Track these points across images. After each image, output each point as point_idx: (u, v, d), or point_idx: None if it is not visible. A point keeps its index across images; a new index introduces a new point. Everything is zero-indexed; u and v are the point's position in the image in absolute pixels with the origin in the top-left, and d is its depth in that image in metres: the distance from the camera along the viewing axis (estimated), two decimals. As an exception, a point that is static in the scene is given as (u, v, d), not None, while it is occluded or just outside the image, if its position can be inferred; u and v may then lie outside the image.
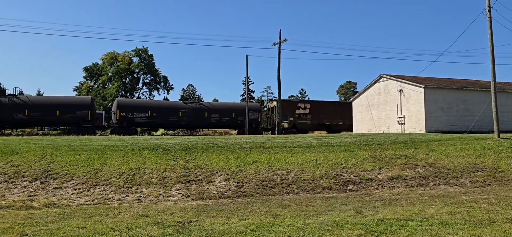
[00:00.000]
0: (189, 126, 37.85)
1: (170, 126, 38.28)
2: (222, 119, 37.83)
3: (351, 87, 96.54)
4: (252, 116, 38.26)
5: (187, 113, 36.63)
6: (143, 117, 35.35)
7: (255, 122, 38.46)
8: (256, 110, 39.35)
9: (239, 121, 38.28)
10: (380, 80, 35.68)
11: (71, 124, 32.31)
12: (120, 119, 34.26)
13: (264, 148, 15.59)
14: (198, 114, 37.10)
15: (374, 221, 7.50)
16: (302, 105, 42.39)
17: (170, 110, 36.76)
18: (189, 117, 36.69)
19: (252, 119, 38.12)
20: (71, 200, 9.81)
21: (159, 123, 36.46)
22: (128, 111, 34.94)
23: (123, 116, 34.46)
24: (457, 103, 31.05)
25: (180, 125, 37.83)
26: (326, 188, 11.67)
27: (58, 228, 6.96)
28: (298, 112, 41.64)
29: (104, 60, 69.96)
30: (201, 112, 37.33)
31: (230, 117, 38.10)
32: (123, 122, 34.30)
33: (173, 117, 36.29)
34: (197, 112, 37.11)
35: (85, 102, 33.69)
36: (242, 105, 43.59)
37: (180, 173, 12.05)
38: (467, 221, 7.53)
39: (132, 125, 34.70)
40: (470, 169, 13.88)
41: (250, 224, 7.30)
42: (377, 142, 17.78)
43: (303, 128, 41.64)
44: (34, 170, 11.65)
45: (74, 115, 32.38)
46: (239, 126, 39.05)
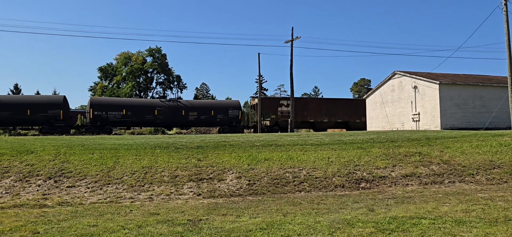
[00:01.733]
0: (166, 124, 37.15)
1: (146, 125, 37.43)
2: (201, 117, 36.82)
3: (365, 84, 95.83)
4: (232, 114, 37.41)
5: (163, 111, 35.74)
6: (118, 116, 34.48)
7: (235, 120, 37.45)
8: (236, 108, 38.26)
9: (218, 119, 37.24)
10: (394, 77, 35.29)
11: (43, 123, 31.67)
12: (94, 118, 33.50)
13: (276, 145, 15.53)
14: (175, 113, 36.17)
15: (386, 219, 7.40)
16: (284, 103, 41.17)
17: (146, 109, 35.90)
18: (166, 115, 35.81)
19: (232, 117, 37.30)
20: (84, 199, 9.90)
21: (134, 122, 35.61)
22: (101, 110, 34.12)
23: (96, 115, 33.64)
24: (473, 100, 30.52)
25: (156, 124, 37.05)
26: (338, 186, 11.56)
27: (70, 226, 7.03)
28: (280, 109, 40.54)
29: (118, 60, 70.65)
30: (179, 110, 36.35)
31: (209, 115, 37.03)
32: (96, 121, 33.54)
33: (149, 116, 35.42)
34: (174, 111, 36.17)
35: (56, 101, 32.94)
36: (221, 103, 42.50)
37: (192, 171, 12.07)
38: (482, 219, 7.37)
39: (107, 124, 33.89)
40: (486, 166, 13.61)
41: (260, 222, 7.26)
42: (391, 139, 17.57)
43: (285, 125, 40.47)
44: (48, 169, 11.80)
45: (46, 115, 31.67)
46: (219, 124, 37.92)
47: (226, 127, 36.70)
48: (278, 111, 40.53)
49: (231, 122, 37.20)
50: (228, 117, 37.16)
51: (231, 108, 37.80)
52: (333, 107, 42.42)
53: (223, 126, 37.03)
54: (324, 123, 41.98)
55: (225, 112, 37.19)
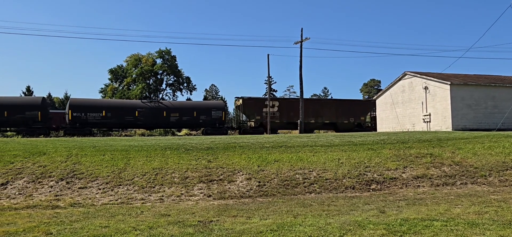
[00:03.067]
0: (147, 125, 36.37)
1: (126, 126, 36.77)
2: (183, 118, 35.97)
3: (375, 85, 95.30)
4: (215, 115, 36.47)
5: (144, 112, 34.99)
6: (97, 117, 33.84)
7: (219, 121, 36.55)
8: (220, 109, 37.33)
9: (201, 120, 36.34)
10: (404, 78, 35.05)
11: (20, 125, 31.28)
12: (73, 119, 32.92)
13: (286, 147, 15.52)
14: (156, 114, 35.39)
15: (398, 221, 7.35)
16: (270, 103, 40.47)
17: (126, 110, 35.16)
18: (147, 117, 35.07)
19: (215, 118, 36.39)
20: (96, 200, 9.99)
21: (114, 123, 35.00)
22: (80, 111, 33.46)
23: (75, 116, 33.04)
24: (485, 100, 30.19)
25: (137, 125, 36.27)
26: (349, 187, 11.51)
27: (82, 227, 7.09)
28: (265, 110, 39.56)
29: (129, 62, 71.12)
30: (160, 111, 35.55)
31: (191, 116, 36.09)
32: (75, 122, 32.96)
33: (129, 117, 34.72)
34: (155, 112, 35.42)
35: (34, 103, 32.50)
36: (204, 103, 41.71)
37: (202, 172, 12.11)
38: (495, 221, 7.28)
39: (86, 126, 33.39)
40: (499, 167, 13.45)
41: (271, 224, 7.26)
42: (402, 140, 17.45)
43: (271, 127, 39.75)
44: (60, 170, 11.92)
45: (23, 116, 31.27)
46: (202, 125, 37.03)
47: (210, 128, 35.80)
48: (263, 112, 39.59)
49: (214, 123, 36.27)
50: (211, 118, 36.20)
51: (214, 109, 36.90)
52: (320, 108, 41.56)
53: (207, 127, 36.19)
54: (311, 124, 41.00)
55: (208, 113, 36.28)
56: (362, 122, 42.76)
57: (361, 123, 42.65)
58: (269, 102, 37.98)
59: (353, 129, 41.07)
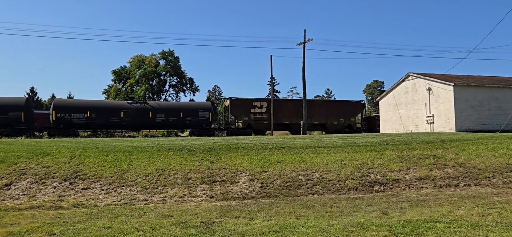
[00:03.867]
0: (133, 126, 35.93)
1: (112, 127, 36.27)
2: (169, 119, 35.54)
3: (378, 86, 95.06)
4: (202, 116, 36.00)
5: (129, 113, 34.51)
6: (82, 118, 33.45)
7: (206, 122, 36.06)
8: (207, 110, 36.71)
9: (187, 121, 35.89)
10: (407, 79, 34.99)
11: (4, 126, 30.96)
12: (56, 120, 32.59)
13: (288, 148, 15.51)
14: (142, 115, 34.90)
15: (400, 222, 7.33)
16: (258, 104, 39.93)
17: (111, 111, 34.74)
18: (132, 117, 34.59)
19: (202, 119, 35.93)
20: (99, 201, 10.02)
21: (99, 124, 34.63)
22: (64, 112, 33.12)
23: (59, 117, 32.69)
24: (489, 102, 30.10)
25: (122, 126, 35.84)
26: (352, 188, 11.50)
27: (85, 228, 7.11)
28: (253, 111, 39.33)
29: (132, 63, 71.24)
30: (146, 112, 35.10)
31: (178, 117, 35.63)
32: (59, 123, 32.59)
33: (114, 118, 34.29)
34: (140, 113, 34.94)
35: (18, 104, 32.18)
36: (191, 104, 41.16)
37: (205, 173, 12.12)
38: (499, 223, 7.25)
39: (71, 126, 33.08)
40: (502, 169, 13.40)
41: (273, 225, 7.26)
42: (405, 141, 17.41)
43: (259, 127, 39.36)
44: (63, 171, 11.96)
45: (6, 117, 31.00)
46: (189, 126, 36.59)
47: (196, 129, 35.38)
48: (251, 113, 39.29)
49: (201, 124, 35.84)
50: (198, 119, 35.78)
51: (201, 110, 36.42)
52: (310, 109, 40.62)
53: (193, 128, 35.80)
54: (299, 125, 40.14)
55: (194, 114, 35.88)
56: (352, 123, 42.33)
57: (351, 124, 42.18)
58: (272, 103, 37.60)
59: (342, 130, 40.55)
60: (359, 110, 44.12)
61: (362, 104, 45.00)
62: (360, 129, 43.06)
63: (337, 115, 41.44)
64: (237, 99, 40.27)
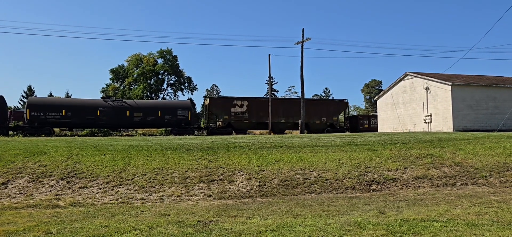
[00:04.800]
0: (110, 125, 35.50)
1: (88, 126, 35.76)
2: (147, 118, 35.17)
3: (376, 85, 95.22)
4: (181, 115, 35.77)
5: (106, 112, 34.20)
6: (57, 116, 33.09)
7: (185, 121, 35.76)
8: (186, 109, 36.45)
9: (166, 120, 35.66)
10: (405, 78, 35.05)
11: None
12: (31, 119, 32.27)
13: (286, 147, 15.52)
14: (119, 113, 34.54)
15: (397, 221, 7.35)
16: (238, 103, 39.60)
17: (87, 109, 34.34)
18: (109, 116, 34.26)
19: (181, 118, 35.68)
20: (96, 199, 10.00)
21: (75, 123, 34.11)
22: (39, 110, 32.68)
23: (33, 116, 32.36)
24: (486, 101, 30.17)
25: (99, 125, 35.40)
26: (349, 187, 11.51)
27: (82, 227, 7.10)
28: (234, 110, 39.09)
29: (130, 62, 71.17)
30: (123, 111, 34.72)
31: (156, 116, 35.35)
32: (34, 122, 32.27)
33: (91, 117, 33.98)
34: (118, 111, 34.56)
35: None
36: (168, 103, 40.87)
37: (202, 172, 12.11)
38: (495, 222, 7.28)
39: (46, 125, 32.69)
40: (499, 168, 13.44)
41: (270, 224, 7.27)
42: (402, 141, 17.44)
43: (239, 127, 39.05)
44: (61, 170, 11.94)
45: None
46: (167, 125, 36.33)
47: (175, 128, 35.31)
48: (231, 112, 39.03)
49: (180, 123, 35.63)
50: (176, 118, 35.55)
51: (180, 109, 36.23)
52: (291, 108, 40.50)
53: (172, 127, 35.71)
54: (281, 124, 40.27)
55: (173, 113, 35.65)
56: (334, 122, 41.88)
57: (333, 123, 41.78)
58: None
59: (325, 130, 40.24)
60: (342, 109, 43.74)
61: (345, 103, 44.65)
62: (343, 128, 42.65)
63: (319, 114, 40.98)
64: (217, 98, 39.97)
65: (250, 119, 39.48)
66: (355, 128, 44.74)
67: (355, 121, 46.12)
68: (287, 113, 40.47)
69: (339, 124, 43.02)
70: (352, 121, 46.34)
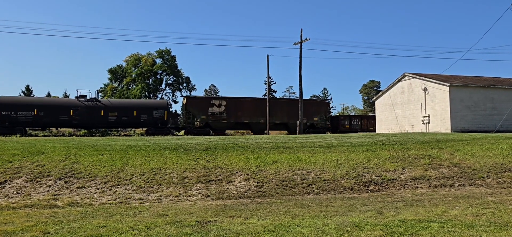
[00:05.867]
0: (83, 125, 35.12)
1: (61, 125, 35.23)
2: (122, 117, 34.69)
3: (375, 86, 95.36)
4: (157, 115, 35.38)
5: (80, 111, 33.78)
6: (29, 116, 32.62)
7: (161, 121, 35.37)
8: (162, 108, 36.11)
9: (142, 120, 35.21)
10: (403, 79, 35.10)
11: None
12: (1, 118, 31.76)
13: (284, 147, 15.53)
14: (93, 113, 34.14)
15: (395, 222, 7.36)
16: (216, 102, 39.44)
17: (60, 109, 33.92)
18: (83, 116, 33.85)
19: (157, 118, 35.29)
20: (94, 199, 9.99)
21: (47, 122, 33.76)
22: (10, 110, 32.23)
23: (4, 115, 31.92)
24: (484, 102, 30.25)
25: (72, 125, 34.88)
26: (347, 188, 11.52)
27: (80, 227, 7.09)
28: (211, 110, 38.82)
29: (128, 62, 71.15)
30: (97, 110, 34.31)
31: (131, 115, 34.84)
32: (4, 122, 31.80)
33: (64, 116, 33.48)
34: (92, 111, 34.16)
35: None
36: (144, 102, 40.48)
37: (201, 172, 12.11)
38: (492, 223, 7.29)
39: (17, 125, 32.15)
40: (497, 169, 13.47)
41: (268, 224, 7.27)
42: (400, 141, 17.47)
43: (217, 127, 38.80)
44: (58, 170, 11.92)
45: None
46: (143, 125, 35.83)
47: (151, 128, 34.84)
48: (209, 112, 38.70)
49: (156, 122, 35.28)
50: (152, 118, 35.20)
51: (156, 109, 35.83)
52: (271, 108, 40.17)
53: (148, 127, 35.24)
54: (261, 124, 39.86)
55: (149, 113, 35.29)
56: (315, 122, 41.50)
57: (314, 124, 41.39)
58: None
59: (305, 130, 39.93)
60: (323, 109, 43.38)
61: (326, 103, 44.42)
62: (324, 129, 42.29)
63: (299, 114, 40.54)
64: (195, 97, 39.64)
65: (228, 119, 39.02)
66: (336, 128, 44.68)
67: (336, 121, 46.21)
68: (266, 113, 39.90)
69: (320, 124, 42.55)
70: (333, 121, 46.40)
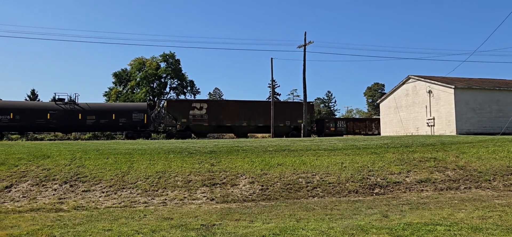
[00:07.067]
0: (61, 129, 34.70)
1: (38, 129, 34.71)
2: (100, 121, 34.43)
3: (379, 89, 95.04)
4: (136, 118, 35.07)
5: (57, 115, 33.50)
6: (4, 120, 32.33)
7: (140, 124, 34.99)
8: (141, 111, 35.67)
9: (121, 123, 34.84)
10: (408, 81, 34.99)
11: None
12: None
13: (289, 150, 15.51)
14: (71, 116, 33.82)
15: (401, 225, 7.32)
16: (197, 105, 39.01)
17: (37, 112, 33.52)
18: (60, 119, 33.56)
19: (136, 121, 35.00)
20: (99, 203, 10.01)
21: (24, 126, 33.39)
22: None
23: None
24: (490, 104, 30.08)
25: (49, 128, 34.47)
26: (352, 191, 11.49)
27: (85, 230, 7.11)
28: (192, 113, 38.41)
29: (133, 65, 71.30)
30: (75, 114, 34.00)
31: (110, 119, 34.53)
32: None
33: (41, 120, 33.18)
34: (69, 114, 33.84)
35: None
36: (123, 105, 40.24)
37: (205, 176, 12.12)
38: (499, 226, 7.24)
39: None
40: (503, 171, 13.38)
41: (273, 228, 7.25)
42: (405, 144, 17.40)
43: (199, 130, 38.45)
44: (64, 174, 11.96)
45: None
46: (122, 128, 35.46)
47: (131, 132, 34.60)
48: (190, 115, 38.32)
49: (135, 126, 34.95)
50: (132, 121, 34.89)
51: (135, 112, 35.49)
52: (253, 111, 39.72)
53: (128, 131, 34.93)
54: (243, 127, 39.49)
55: (128, 116, 34.96)
56: (299, 125, 40.59)
57: (298, 126, 40.56)
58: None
59: (289, 133, 39.53)
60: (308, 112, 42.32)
61: (310, 105, 43.63)
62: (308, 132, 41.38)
63: (283, 117, 39.90)
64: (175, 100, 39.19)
65: (209, 122, 38.67)
66: (321, 131, 44.33)
67: (321, 124, 45.90)
68: (249, 116, 39.57)
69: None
70: (319, 124, 46.13)
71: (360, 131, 47.27)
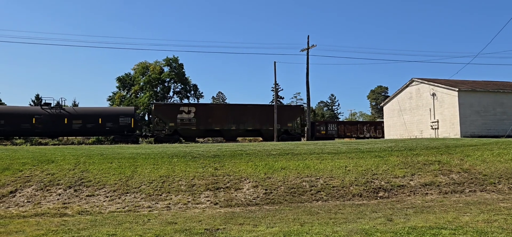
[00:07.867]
0: (47, 133, 34.33)
1: (23, 134, 34.39)
2: (86, 125, 34.00)
3: (382, 92, 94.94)
4: (123, 122, 34.60)
5: (43, 119, 33.05)
6: None
7: (127, 128, 34.62)
8: (128, 116, 35.20)
9: (107, 128, 34.48)
10: (411, 84, 34.91)
11: None
12: None
13: (292, 154, 15.49)
14: (56, 121, 33.43)
15: (405, 229, 7.29)
16: (185, 109, 38.50)
17: (21, 117, 32.98)
18: (45, 124, 33.12)
19: (123, 125, 34.56)
20: (103, 208, 10.03)
21: (9, 131, 32.91)
22: None
23: None
24: (494, 107, 29.95)
25: (35, 133, 34.07)
26: (356, 195, 11.45)
27: (89, 235, 7.12)
28: (180, 117, 37.86)
29: (136, 70, 71.48)
30: (60, 118, 33.58)
31: (96, 123, 34.15)
32: None
33: (26, 125, 32.74)
34: (55, 119, 33.43)
35: None
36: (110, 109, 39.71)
37: (209, 180, 12.12)
38: (504, 229, 7.20)
39: None
40: (508, 174, 13.31)
41: (277, 232, 7.24)
42: (409, 147, 17.34)
43: (187, 134, 38.06)
44: (68, 178, 12.00)
45: None
46: (109, 132, 35.18)
47: (118, 136, 34.24)
48: (178, 119, 37.84)
49: (122, 130, 34.56)
50: (118, 125, 34.48)
51: (122, 116, 35.05)
52: (242, 114, 39.12)
53: (115, 135, 34.67)
54: (233, 131, 39.14)
55: (115, 120, 34.55)
56: (289, 128, 40.19)
57: (288, 130, 40.15)
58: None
59: (279, 137, 39.02)
60: (298, 115, 42.16)
61: (301, 109, 43.33)
62: (299, 135, 41.22)
63: (272, 120, 38.95)
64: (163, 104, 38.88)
65: (198, 126, 38.29)
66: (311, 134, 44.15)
67: (312, 128, 45.45)
68: (238, 120, 39.10)
69: (295, 130, 41.34)
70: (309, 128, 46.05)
71: (351, 134, 47.22)
